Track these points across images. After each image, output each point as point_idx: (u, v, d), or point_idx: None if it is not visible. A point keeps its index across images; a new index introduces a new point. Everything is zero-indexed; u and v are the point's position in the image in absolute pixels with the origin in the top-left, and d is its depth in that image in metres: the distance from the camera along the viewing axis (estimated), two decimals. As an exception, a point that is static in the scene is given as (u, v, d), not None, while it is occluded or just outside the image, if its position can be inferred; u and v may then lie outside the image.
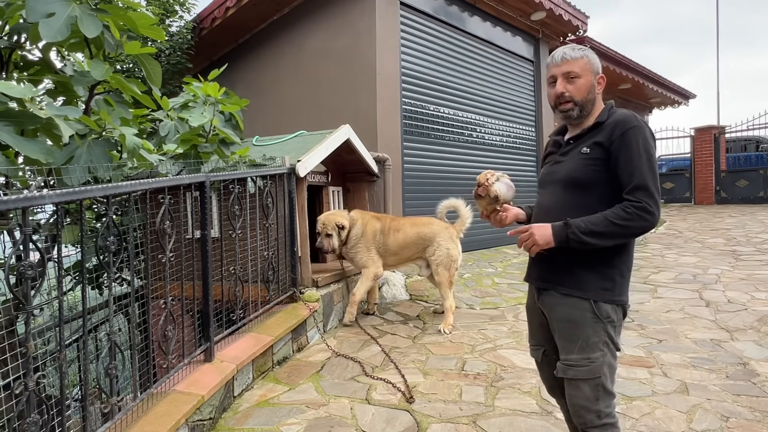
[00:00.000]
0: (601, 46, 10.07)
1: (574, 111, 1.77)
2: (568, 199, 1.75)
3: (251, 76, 7.20)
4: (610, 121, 1.72)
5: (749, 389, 2.93)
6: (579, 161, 1.74)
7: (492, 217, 1.96)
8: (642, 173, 1.63)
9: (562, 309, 1.75)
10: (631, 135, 1.65)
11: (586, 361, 1.68)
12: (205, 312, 2.76)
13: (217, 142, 3.65)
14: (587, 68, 1.77)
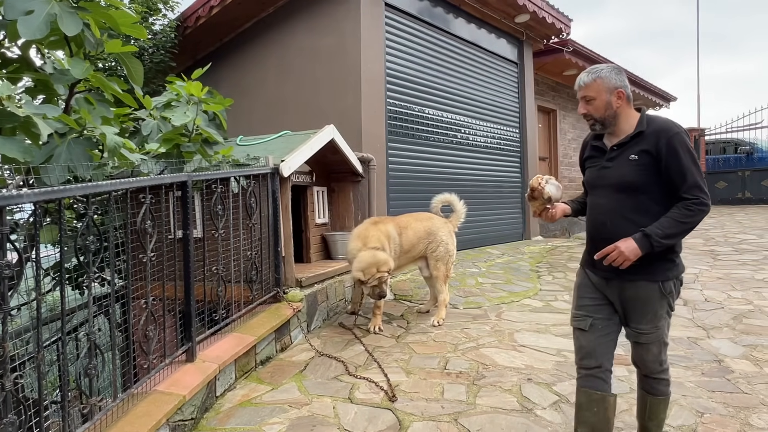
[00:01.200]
0: (584, 49, 10.19)
1: (597, 126, 2.11)
2: (623, 200, 2.04)
3: (236, 75, 7.17)
4: (652, 129, 2.00)
5: (724, 386, 3.00)
6: (630, 167, 2.01)
7: (543, 215, 2.30)
8: (692, 174, 1.92)
9: (632, 291, 2.06)
10: (676, 141, 1.94)
11: (654, 329, 2.08)
12: (187, 312, 2.75)
13: (200, 142, 3.63)
14: (601, 89, 2.04)
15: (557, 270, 6.42)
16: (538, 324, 4.24)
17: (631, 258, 1.93)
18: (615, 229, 2.04)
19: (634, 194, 2.01)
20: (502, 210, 8.49)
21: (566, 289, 5.45)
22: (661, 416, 2.22)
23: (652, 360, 2.14)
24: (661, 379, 2.18)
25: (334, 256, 5.23)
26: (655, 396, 2.20)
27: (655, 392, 2.19)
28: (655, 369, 2.16)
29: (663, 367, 2.16)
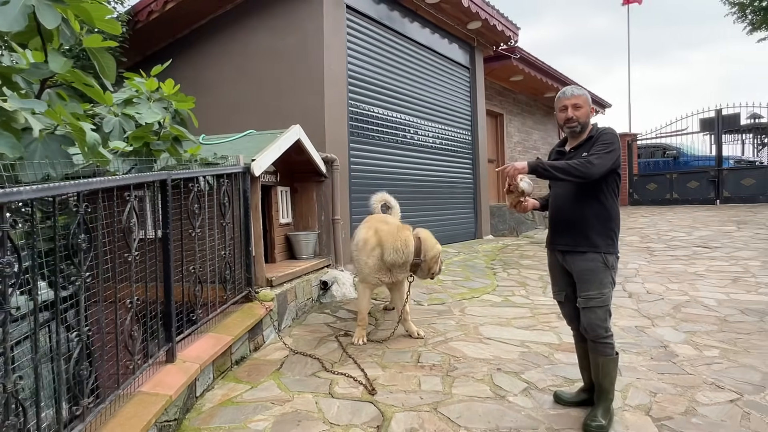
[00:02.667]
0: (530, 56, 10.67)
1: (578, 128, 2.63)
2: (575, 189, 2.61)
3: (191, 72, 6.99)
4: (596, 133, 2.60)
5: (671, 368, 3.29)
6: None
7: (517, 207, 2.76)
8: (598, 151, 2.47)
9: (583, 263, 2.56)
10: (603, 135, 2.54)
11: (600, 294, 2.52)
12: (167, 312, 2.72)
13: (170, 140, 3.57)
14: (587, 101, 2.64)
15: (511, 267, 6.72)
16: (499, 318, 4.45)
17: (517, 167, 2.48)
18: (570, 211, 2.64)
19: (584, 184, 2.54)
20: (456, 210, 8.75)
21: (521, 285, 5.73)
22: (612, 373, 2.59)
23: (598, 324, 2.53)
24: (607, 343, 2.56)
25: (298, 256, 5.25)
26: (606, 356, 2.57)
27: (604, 354, 2.57)
28: (601, 334, 2.54)
29: (608, 333, 2.56)
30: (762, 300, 4.80)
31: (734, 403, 2.77)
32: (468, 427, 2.53)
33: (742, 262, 6.42)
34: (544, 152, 14.71)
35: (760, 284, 5.37)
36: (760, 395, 2.86)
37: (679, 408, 2.75)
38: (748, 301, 4.77)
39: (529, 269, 6.57)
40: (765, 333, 3.91)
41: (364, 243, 3.86)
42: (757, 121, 13.26)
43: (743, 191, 12.14)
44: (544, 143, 14.69)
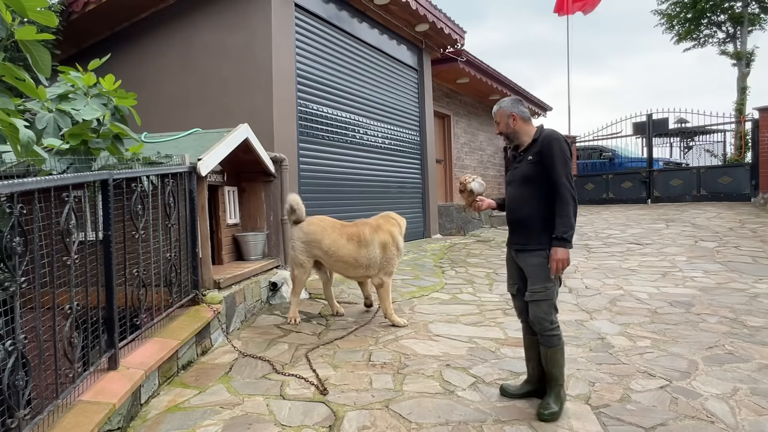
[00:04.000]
0: (476, 59, 10.94)
1: (506, 139, 2.91)
2: (524, 190, 2.77)
3: (130, 68, 6.71)
4: (541, 137, 2.71)
5: (608, 359, 3.49)
6: (528, 166, 2.75)
7: (473, 206, 2.99)
8: (558, 170, 2.60)
9: (531, 259, 2.73)
10: (553, 145, 2.63)
11: (544, 289, 2.69)
12: (109, 317, 2.62)
13: (110, 138, 3.43)
14: (502, 115, 2.83)
15: (458, 265, 6.88)
16: (448, 315, 4.56)
17: (566, 257, 2.60)
18: (520, 211, 2.79)
19: (531, 185, 2.71)
20: (406, 209, 8.85)
21: (469, 283, 5.88)
22: (560, 362, 2.74)
23: (543, 317, 2.69)
24: (553, 335, 2.72)
25: (246, 257, 5.16)
26: (552, 347, 2.72)
27: (551, 344, 2.72)
28: (546, 326, 2.71)
29: (553, 325, 2.72)
30: (688, 293, 5.16)
31: (664, 389, 2.98)
32: (419, 423, 2.59)
33: (670, 257, 6.86)
34: (489, 153, 15.13)
35: (686, 278, 5.77)
36: (686, 381, 3.09)
37: (615, 396, 2.93)
38: (676, 294, 5.12)
39: (476, 267, 6.75)
40: (690, 323, 4.21)
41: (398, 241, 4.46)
42: (683, 125, 14.19)
43: (671, 191, 12.96)
44: (489, 144, 15.10)
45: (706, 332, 3.98)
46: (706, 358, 3.45)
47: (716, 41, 18.64)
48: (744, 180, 12.14)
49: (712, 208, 11.02)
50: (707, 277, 5.79)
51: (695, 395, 2.90)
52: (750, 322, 4.20)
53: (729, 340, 3.80)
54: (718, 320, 4.27)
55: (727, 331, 4.00)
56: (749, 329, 4.03)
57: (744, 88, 17.22)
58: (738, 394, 2.89)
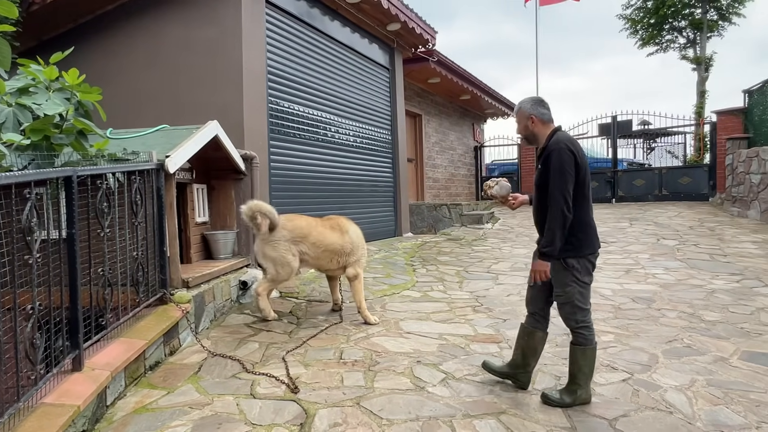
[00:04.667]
0: (447, 59, 11.04)
1: (523, 141, 2.98)
2: (538, 196, 2.85)
3: (95, 62, 6.52)
4: (549, 144, 2.74)
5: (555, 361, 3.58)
6: (538, 172, 2.82)
7: (505, 204, 3.20)
8: (553, 182, 2.63)
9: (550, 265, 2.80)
10: (552, 156, 2.65)
11: (563, 293, 2.78)
12: (74, 317, 2.55)
13: (74, 134, 3.34)
14: (522, 116, 2.87)
15: (429, 263, 6.94)
16: (419, 312, 4.60)
17: (545, 269, 2.74)
18: (536, 215, 2.90)
19: (541, 191, 2.78)
20: (377, 208, 8.89)
21: (439, 281, 5.95)
22: (580, 362, 2.79)
23: (565, 317, 2.82)
24: (578, 333, 2.82)
25: (216, 255, 5.09)
26: (574, 345, 2.83)
27: (574, 342, 2.84)
28: (570, 325, 2.83)
29: (578, 324, 2.80)
30: (649, 289, 5.34)
31: (626, 382, 3.08)
32: (390, 419, 2.61)
33: (634, 255, 7.08)
34: (460, 152, 15.29)
35: (648, 275, 5.96)
36: (647, 374, 3.20)
37: (580, 389, 3.01)
38: (638, 290, 5.29)
39: (447, 265, 6.83)
40: (652, 318, 4.36)
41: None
42: (646, 127, 14.65)
43: (635, 191, 13.35)
44: (460, 144, 15.26)
45: (666, 327, 4.14)
46: (666, 352, 3.58)
47: (677, 46, 19.30)
48: (703, 180, 12.62)
49: (673, 208, 11.41)
50: (668, 273, 6.00)
51: (655, 387, 3.01)
52: (707, 316, 4.38)
53: (687, 334, 3.95)
54: (678, 315, 4.44)
55: (685, 325, 4.16)
56: (706, 323, 4.20)
57: (703, 92, 17.88)
58: (695, 386, 3.02)
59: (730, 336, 3.89)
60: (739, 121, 11.88)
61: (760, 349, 3.61)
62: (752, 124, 11.43)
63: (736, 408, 2.74)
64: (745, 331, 3.99)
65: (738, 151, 10.87)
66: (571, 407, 2.74)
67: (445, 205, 10.83)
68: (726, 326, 4.12)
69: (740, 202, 10.37)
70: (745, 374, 3.19)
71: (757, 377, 3.14)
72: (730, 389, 2.97)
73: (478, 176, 16.45)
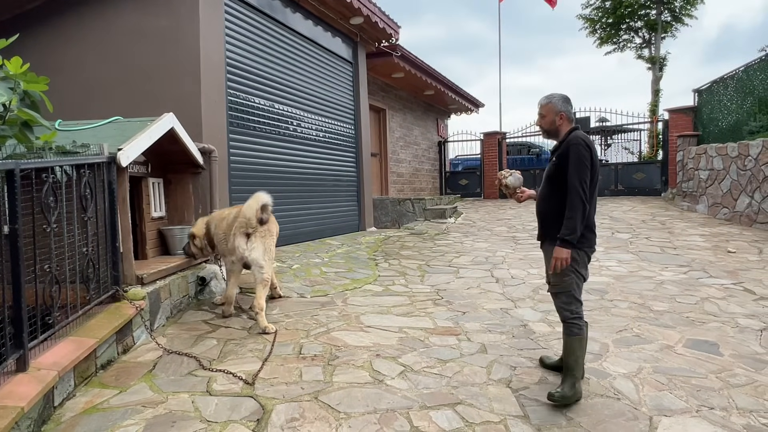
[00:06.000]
0: (410, 54, 11.08)
1: (544, 134, 3.09)
2: (547, 189, 2.99)
3: (45, 51, 6.24)
4: (566, 140, 2.87)
5: (528, 344, 3.68)
6: (552, 165, 2.95)
7: (513, 196, 3.30)
8: (573, 175, 2.76)
9: (548, 253, 2.96)
10: (572, 150, 2.79)
11: (559, 281, 2.90)
12: (17, 316, 2.45)
13: (18, 125, 3.19)
14: (551, 110, 2.96)
15: (392, 258, 6.98)
16: (380, 306, 4.62)
17: (565, 257, 2.77)
18: (542, 206, 3.02)
19: (552, 183, 2.92)
20: (340, 202, 8.86)
21: (401, 275, 5.99)
22: (577, 353, 2.87)
23: (561, 307, 2.93)
24: (572, 324, 2.88)
25: (173, 251, 4.98)
26: (569, 336, 2.89)
27: (569, 333, 2.89)
28: (566, 316, 2.90)
29: (573, 315, 2.89)
30: (603, 281, 5.53)
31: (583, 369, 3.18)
32: (347, 413, 2.62)
33: (589, 248, 7.29)
34: (424, 147, 15.39)
35: (602, 267, 6.17)
36: (598, 363, 3.32)
37: (534, 379, 3.10)
38: (592, 282, 5.45)
39: (409, 259, 6.88)
40: (604, 309, 4.52)
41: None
42: (603, 124, 15.09)
43: (592, 186, 13.74)
44: (424, 139, 15.36)
45: (617, 317, 4.29)
46: (616, 341, 3.72)
47: (634, 46, 19.92)
48: (656, 176, 13.11)
49: (627, 202, 11.82)
50: (620, 266, 6.22)
51: (605, 375, 3.13)
52: (655, 306, 4.57)
53: (637, 323, 4.11)
54: (628, 306, 4.62)
55: (635, 315, 4.33)
56: (654, 313, 4.38)
57: (657, 91, 18.54)
58: (642, 373, 3.15)
59: (676, 325, 4.07)
60: (689, 120, 12.40)
61: (703, 337, 3.79)
62: (701, 122, 11.94)
63: (679, 393, 2.88)
64: (690, 320, 4.18)
65: (688, 148, 11.34)
66: (572, 401, 2.73)
67: (409, 200, 10.90)
68: (672, 315, 4.31)
69: (690, 197, 10.83)
70: (689, 361, 3.35)
71: (699, 363, 3.31)
72: (674, 375, 3.11)
73: (441, 171, 16.60)
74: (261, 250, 4.10)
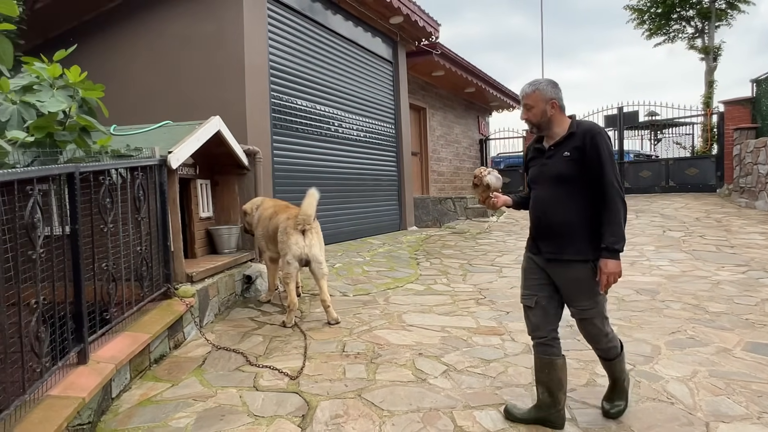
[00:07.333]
0: (450, 52, 11.00)
1: (534, 129, 2.49)
2: (557, 190, 2.39)
3: (97, 59, 6.56)
4: (581, 130, 2.34)
5: (575, 345, 3.59)
6: (564, 162, 2.35)
7: (487, 202, 2.64)
8: (607, 167, 2.27)
9: (572, 272, 2.37)
10: (598, 139, 2.28)
11: (595, 304, 2.40)
12: (78, 312, 2.59)
13: (77, 131, 3.37)
14: (539, 99, 2.40)
15: (433, 257, 6.95)
16: (422, 305, 4.62)
17: (618, 270, 2.28)
18: (554, 215, 2.40)
19: (566, 185, 2.35)
20: (381, 202, 8.90)
21: (443, 274, 5.96)
22: (622, 367, 2.59)
23: (597, 333, 2.46)
24: (611, 347, 2.52)
25: (220, 250, 5.13)
26: (611, 359, 2.55)
27: (609, 356, 2.55)
28: (602, 342, 2.49)
29: (609, 337, 2.49)
30: (654, 281, 5.33)
31: (628, 373, 3.08)
32: (390, 410, 2.63)
33: (639, 247, 7.05)
34: (465, 145, 15.25)
35: (653, 267, 5.94)
36: (649, 365, 3.20)
37: (582, 380, 3.03)
38: (642, 282, 5.27)
39: (451, 258, 6.84)
40: (655, 310, 4.35)
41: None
42: (653, 118, 14.52)
43: (641, 182, 13.26)
44: (465, 137, 15.22)
45: (669, 318, 4.13)
46: (669, 343, 3.58)
47: (685, 36, 19.04)
48: (710, 171, 12.51)
49: (679, 199, 11.34)
50: (673, 265, 5.97)
51: (657, 378, 3.01)
52: (711, 308, 4.37)
53: (691, 325, 3.94)
54: (682, 307, 4.43)
55: (689, 316, 4.15)
56: (710, 315, 4.19)
57: (711, 82, 17.68)
58: (697, 377, 3.02)
59: (734, 327, 3.87)
60: (747, 111, 11.76)
61: (764, 340, 3.60)
62: (760, 113, 11.31)
63: (738, 398, 2.74)
64: (750, 322, 3.97)
65: (746, 142, 10.76)
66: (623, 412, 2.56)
67: (450, 199, 10.82)
68: (730, 317, 4.10)
69: (748, 193, 10.28)
70: (748, 365, 3.18)
71: (759, 368, 3.14)
72: (732, 380, 2.96)
73: (483, 169, 16.37)
74: (318, 246, 4.18)
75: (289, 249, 4.08)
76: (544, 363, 2.50)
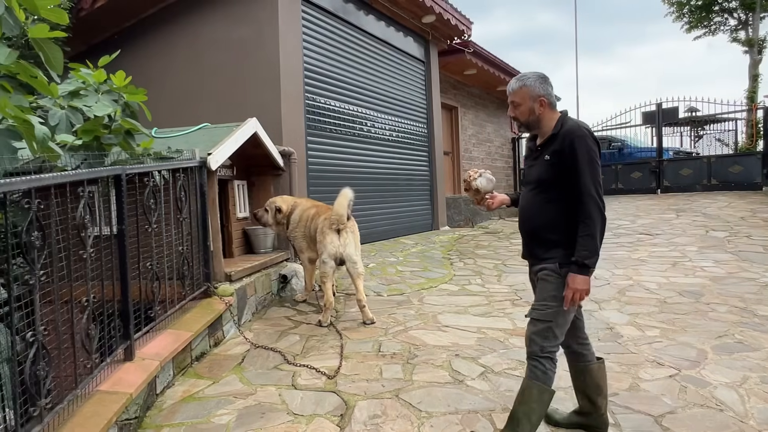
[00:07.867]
0: (483, 50, 10.88)
1: (522, 128, 2.40)
2: (537, 195, 2.29)
3: (139, 63, 6.76)
4: (563, 131, 2.18)
5: (616, 348, 3.51)
6: (545, 166, 2.24)
7: (481, 203, 2.59)
8: (585, 175, 2.09)
9: (538, 274, 2.28)
10: (577, 143, 2.11)
11: (543, 306, 2.21)
12: (124, 309, 2.67)
13: (122, 134, 3.48)
14: (526, 96, 2.25)
15: (467, 257, 6.90)
16: (457, 306, 4.58)
17: (584, 289, 2.11)
18: (532, 220, 2.30)
19: (546, 191, 2.23)
20: (414, 201, 8.88)
21: (477, 274, 5.91)
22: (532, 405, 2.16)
23: (533, 338, 2.21)
24: (538, 363, 2.18)
25: (257, 250, 5.21)
26: (529, 378, 2.20)
27: (529, 374, 2.21)
28: (533, 350, 2.19)
29: (543, 353, 2.17)
30: (697, 282, 5.15)
31: (673, 378, 2.99)
32: (429, 412, 2.62)
33: (681, 247, 6.83)
34: (498, 144, 15.07)
35: (696, 268, 5.75)
36: (695, 370, 3.10)
37: (624, 384, 2.95)
38: (685, 284, 5.10)
39: (485, 258, 6.77)
40: (700, 313, 4.21)
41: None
42: (693, 114, 14.04)
43: (681, 181, 12.84)
44: (497, 136, 15.05)
45: (715, 321, 3.98)
46: (716, 347, 3.45)
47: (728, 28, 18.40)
48: (755, 169, 12.00)
49: (722, 198, 10.92)
50: (717, 266, 5.76)
51: (704, 384, 2.91)
52: (760, 311, 4.19)
53: (739, 329, 3.79)
54: (728, 309, 4.27)
55: (736, 320, 4.00)
56: (759, 318, 4.02)
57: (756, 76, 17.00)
58: (748, 383, 2.90)
59: (786, 331, 3.71)
60: (795, 106, 11.25)
61: (819, 346, 3.43)
62: (810, 108, 10.80)
63: (793, 406, 2.62)
64: (803, 327, 3.80)
65: (794, 138, 10.29)
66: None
67: (483, 198, 10.70)
68: (781, 321, 3.93)
69: (797, 191, 9.83)
70: (803, 371, 3.04)
71: (815, 375, 3.00)
72: (786, 387, 2.84)
73: (515, 168, 16.17)
74: (353, 246, 4.21)
75: (324, 248, 4.14)
76: (578, 370, 2.44)
